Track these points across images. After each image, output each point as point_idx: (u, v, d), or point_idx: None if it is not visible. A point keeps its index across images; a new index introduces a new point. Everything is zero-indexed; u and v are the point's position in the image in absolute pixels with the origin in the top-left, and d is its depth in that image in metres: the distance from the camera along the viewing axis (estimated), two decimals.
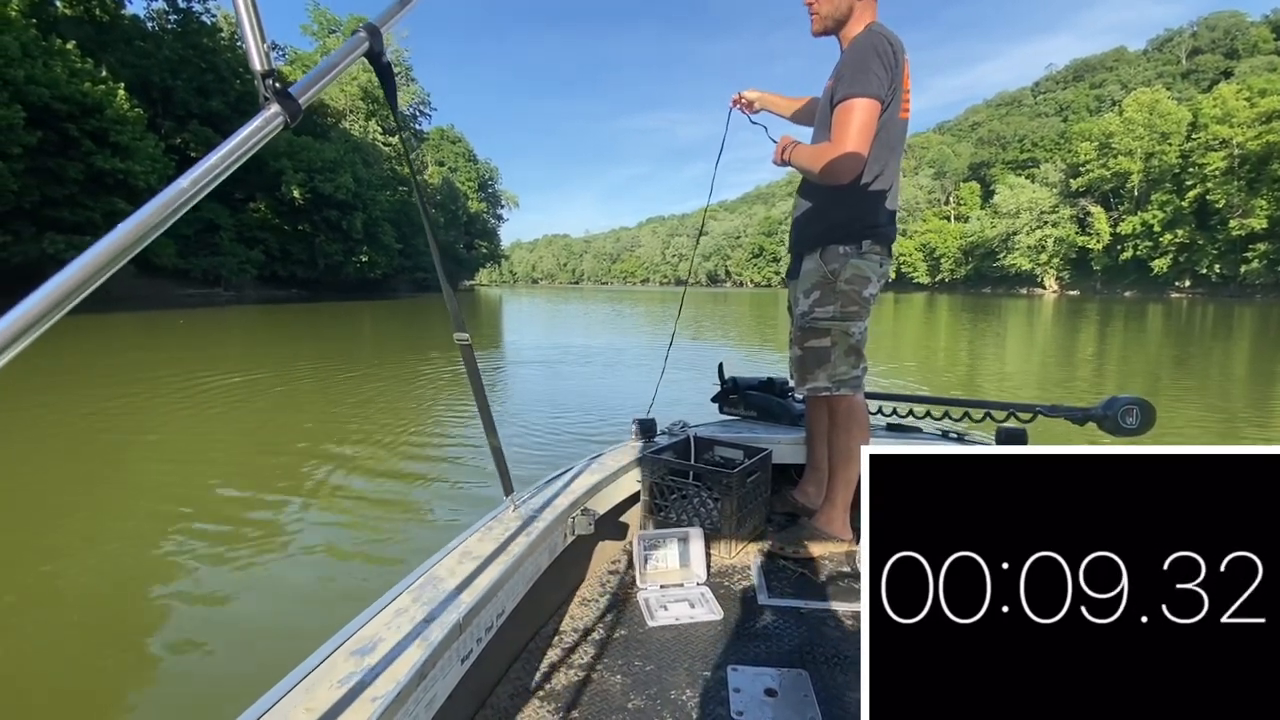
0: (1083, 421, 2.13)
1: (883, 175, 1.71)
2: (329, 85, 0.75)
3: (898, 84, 1.62)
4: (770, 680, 1.25)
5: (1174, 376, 8.78)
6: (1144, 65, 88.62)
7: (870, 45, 1.59)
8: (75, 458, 4.58)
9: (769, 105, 2.12)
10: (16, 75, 20.46)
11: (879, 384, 7.76)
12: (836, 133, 1.59)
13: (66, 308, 0.50)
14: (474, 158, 75.88)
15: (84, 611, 2.48)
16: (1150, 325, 19.43)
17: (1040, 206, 65.36)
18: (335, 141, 40.67)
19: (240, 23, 0.62)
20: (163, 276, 28.70)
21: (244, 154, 0.62)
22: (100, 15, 31.31)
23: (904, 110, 1.69)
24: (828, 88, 1.72)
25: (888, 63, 1.58)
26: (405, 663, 0.86)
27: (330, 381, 8.01)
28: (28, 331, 0.47)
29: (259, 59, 0.63)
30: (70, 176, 22.71)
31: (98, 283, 0.52)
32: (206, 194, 0.60)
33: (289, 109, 0.65)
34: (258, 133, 0.63)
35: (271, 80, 0.63)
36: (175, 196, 0.57)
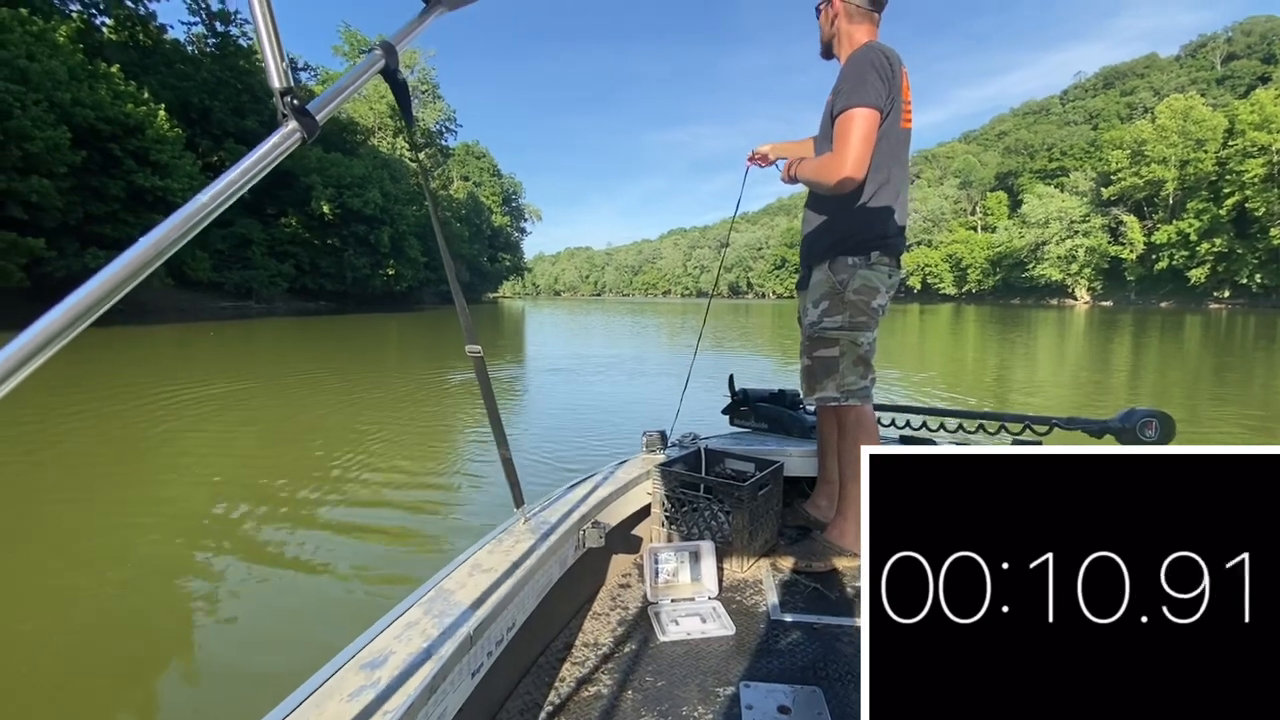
0: (1100, 434, 2.09)
1: (888, 184, 1.74)
2: (345, 102, 0.78)
3: (896, 95, 1.67)
4: (784, 697, 1.23)
5: (1213, 387, 8.49)
6: (1176, 72, 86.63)
7: (866, 59, 1.65)
8: (89, 463, 4.71)
9: (784, 154, 2.16)
10: (64, 98, 21.36)
11: (896, 395, 7.65)
12: (838, 142, 1.63)
13: (92, 317, 0.50)
14: (498, 172, 77.03)
15: (93, 619, 2.50)
16: (1188, 336, 18.84)
17: (1070, 216, 64.00)
18: (364, 158, 41.58)
19: (260, 42, 0.64)
20: (198, 290, 29.57)
21: (262, 170, 0.64)
22: (144, 40, 32.65)
23: (905, 120, 1.73)
24: (828, 102, 1.77)
25: (884, 75, 1.63)
26: (416, 677, 0.85)
27: (354, 390, 8.14)
28: (56, 339, 0.48)
29: (277, 76, 0.65)
30: (112, 194, 23.54)
31: (122, 293, 0.53)
32: (225, 209, 0.62)
33: (306, 125, 0.66)
34: (276, 149, 0.65)
35: (290, 97, 0.65)
36: (195, 211, 0.58)
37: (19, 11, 21.87)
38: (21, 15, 21.75)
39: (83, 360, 10.26)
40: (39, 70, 20.58)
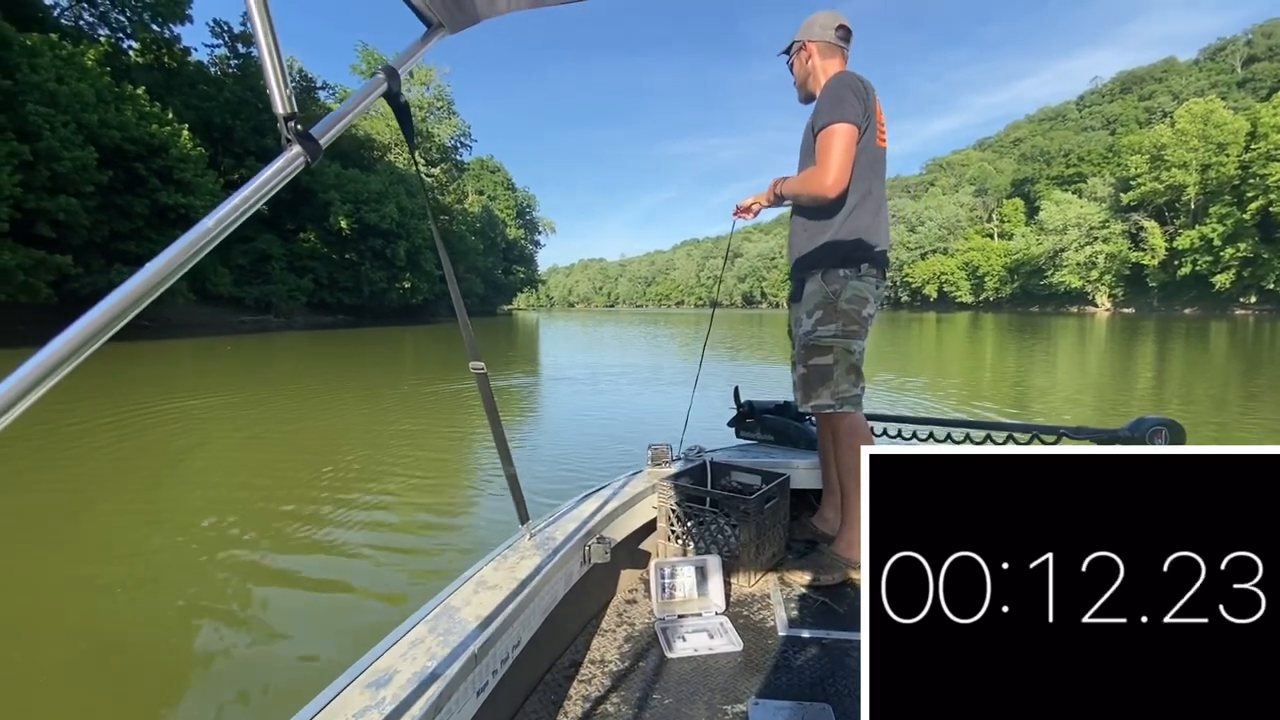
0: (1109, 443, 2.07)
1: (870, 196, 1.85)
2: (349, 126, 0.79)
3: (871, 115, 1.80)
4: (792, 714, 1.22)
5: (1243, 399, 8.28)
6: (1196, 75, 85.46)
7: (843, 83, 1.78)
8: (101, 474, 4.79)
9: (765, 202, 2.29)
10: (91, 119, 22.00)
11: (912, 403, 7.55)
12: (821, 155, 1.76)
13: (107, 335, 0.52)
14: (512, 186, 77.80)
15: (99, 633, 2.51)
16: (1214, 342, 18.45)
17: (1089, 222, 63.15)
18: (380, 173, 42.23)
19: (264, 68, 0.66)
20: (219, 304, 30.15)
21: (266, 194, 0.65)
22: (169, 62, 33.56)
23: (880, 140, 1.86)
24: (809, 123, 1.90)
25: (860, 95, 1.76)
26: (421, 696, 0.85)
27: (365, 404, 8.22)
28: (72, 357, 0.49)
29: (281, 102, 0.66)
30: (137, 212, 24.13)
31: (133, 314, 0.54)
32: (231, 232, 0.62)
33: (310, 150, 0.68)
34: (279, 173, 0.66)
35: (294, 123, 0.66)
36: (200, 236, 0.59)
37: (49, 36, 22.59)
38: (52, 40, 22.46)
39: (109, 373, 10.47)
40: (67, 93, 21.22)
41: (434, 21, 0.94)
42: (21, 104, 19.81)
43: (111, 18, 31.58)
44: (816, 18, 1.96)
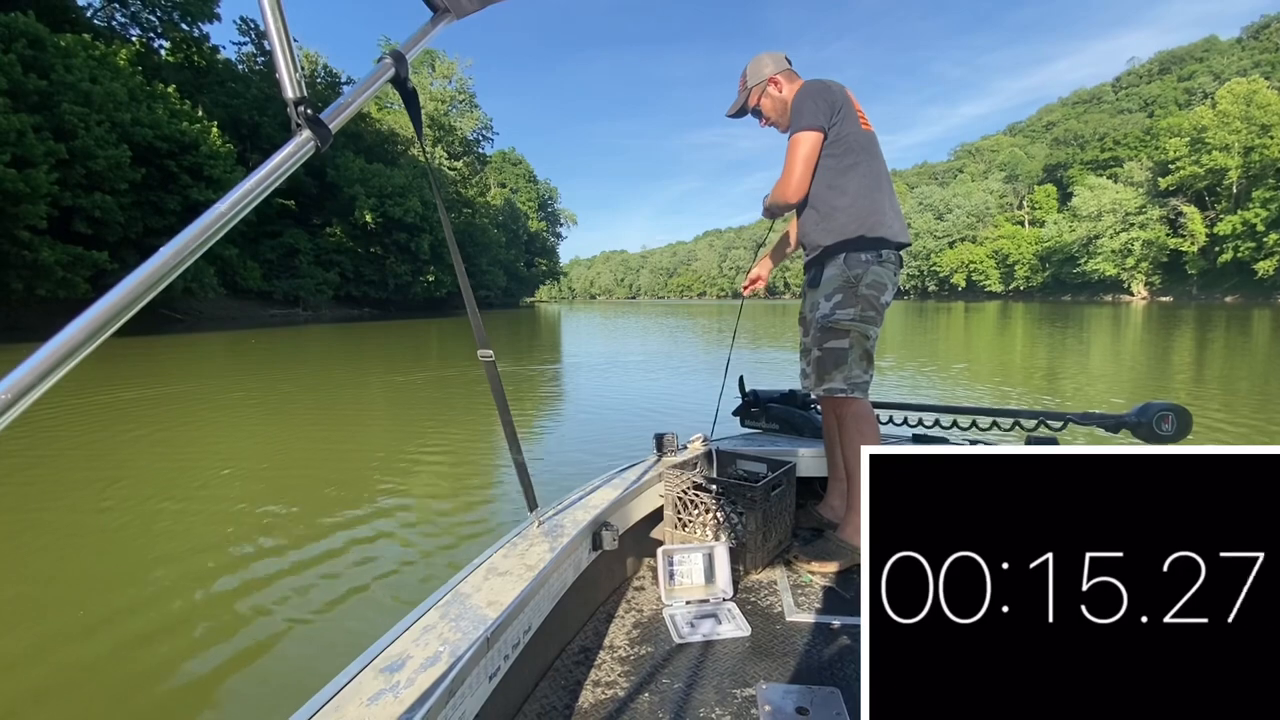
0: (1116, 429, 2.05)
1: (872, 174, 1.88)
2: (358, 110, 0.79)
3: (843, 105, 1.87)
4: (801, 698, 1.22)
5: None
6: (1238, 54, 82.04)
7: (803, 93, 1.89)
8: (118, 467, 4.92)
9: (773, 264, 2.43)
10: (124, 118, 22.59)
11: (934, 389, 7.42)
12: (786, 164, 1.90)
13: (118, 323, 0.52)
14: (534, 179, 78.20)
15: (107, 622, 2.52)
16: (1256, 331, 17.80)
17: (1125, 208, 61.21)
18: (404, 167, 42.72)
19: (273, 54, 0.66)
20: (249, 298, 30.87)
21: (277, 179, 0.65)
22: (198, 60, 34.28)
23: (863, 124, 1.92)
24: None
25: (819, 99, 1.85)
26: (434, 680, 0.86)
27: (387, 393, 8.34)
28: (100, 332, 0.51)
29: (290, 86, 0.66)
30: (169, 208, 24.75)
31: (148, 298, 0.55)
32: (243, 216, 0.63)
33: (320, 134, 0.68)
34: (290, 158, 0.66)
35: (304, 107, 0.66)
36: (214, 220, 0.60)
37: (83, 37, 23.20)
38: (85, 40, 23.07)
39: (124, 370, 10.76)
40: (101, 93, 21.81)
41: (440, 6, 0.93)
42: (57, 104, 20.40)
43: (142, 18, 32.37)
44: (762, 59, 2.03)
